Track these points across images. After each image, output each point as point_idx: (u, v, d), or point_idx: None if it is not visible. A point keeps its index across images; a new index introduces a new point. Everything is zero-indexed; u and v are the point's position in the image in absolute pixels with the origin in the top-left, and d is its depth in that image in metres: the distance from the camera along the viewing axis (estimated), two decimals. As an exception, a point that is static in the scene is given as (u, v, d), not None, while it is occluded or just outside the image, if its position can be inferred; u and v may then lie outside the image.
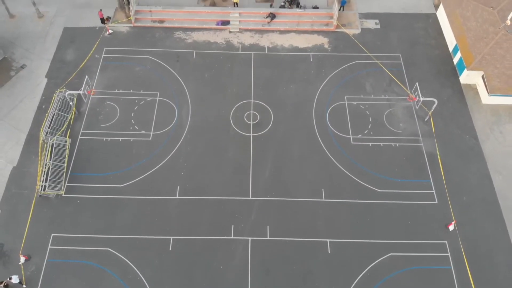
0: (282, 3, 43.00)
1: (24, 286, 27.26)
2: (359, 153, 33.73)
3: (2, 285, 26.71)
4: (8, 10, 42.31)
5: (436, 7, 44.39)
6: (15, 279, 27.02)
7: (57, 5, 43.60)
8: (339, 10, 42.54)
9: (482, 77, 37.11)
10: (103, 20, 41.56)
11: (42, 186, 30.50)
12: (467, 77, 38.10)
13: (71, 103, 34.78)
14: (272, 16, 41.55)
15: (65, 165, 31.94)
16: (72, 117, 34.79)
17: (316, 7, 42.83)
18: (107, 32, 40.76)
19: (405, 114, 36.18)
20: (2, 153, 33.10)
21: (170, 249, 28.97)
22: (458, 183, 32.44)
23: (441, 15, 42.93)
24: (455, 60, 39.83)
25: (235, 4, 42.76)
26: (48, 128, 33.47)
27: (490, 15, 38.95)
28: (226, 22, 41.74)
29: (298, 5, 42.81)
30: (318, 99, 37.19)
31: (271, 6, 43.14)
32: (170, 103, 36.43)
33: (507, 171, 33.40)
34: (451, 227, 30.07)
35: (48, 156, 31.75)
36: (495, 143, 34.96)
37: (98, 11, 41.34)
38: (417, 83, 36.31)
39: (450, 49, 40.93)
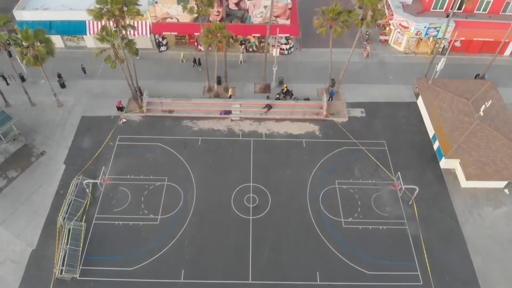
0: (277, 95, 48.09)
1: None
2: (350, 236, 36.80)
3: None
4: (30, 99, 46.89)
5: (417, 96, 49.36)
6: None
7: (76, 95, 48.44)
8: (328, 100, 47.48)
9: (460, 163, 41.03)
10: (120, 109, 46.15)
11: (59, 270, 33.16)
12: (446, 163, 42.07)
13: (87, 190, 38.27)
14: (269, 106, 46.39)
15: (80, 249, 34.84)
16: (88, 202, 38.14)
17: (307, 99, 47.85)
18: (121, 121, 45.19)
19: (391, 198, 39.70)
20: (22, 236, 36.06)
21: (176, 332, 31.20)
22: (440, 264, 35.28)
23: (421, 103, 47.75)
24: (435, 146, 44.03)
25: (230, 96, 47.81)
26: (66, 213, 36.66)
27: (465, 106, 43.69)
28: (228, 112, 46.44)
29: (291, 97, 47.90)
30: (311, 183, 40.80)
31: (268, 97, 48.18)
32: (177, 187, 39.93)
33: (486, 252, 36.36)
34: (435, 308, 32.62)
35: (65, 240, 34.69)
36: (474, 225, 38.16)
37: (115, 101, 46.18)
38: (399, 173, 40.09)
39: (430, 135, 45.29)
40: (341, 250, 35.87)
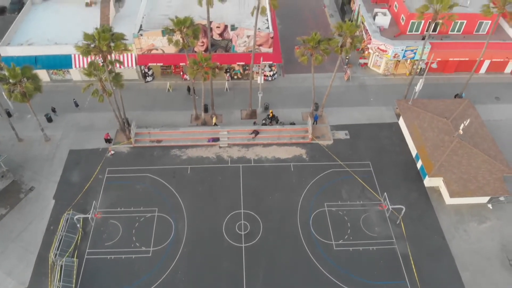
0: (264, 121, 49.16)
1: None
2: (341, 259, 37.37)
3: None
4: (17, 135, 46.80)
5: (398, 116, 50.84)
6: None
7: (63, 129, 48.53)
8: (313, 124, 48.64)
9: (443, 180, 42.25)
10: (108, 141, 46.38)
11: (52, 309, 32.96)
12: (430, 181, 43.26)
13: (78, 225, 38.19)
14: (256, 132, 47.31)
15: (73, 285, 34.60)
16: (79, 237, 38.02)
17: (293, 123, 49.01)
18: (110, 153, 45.40)
19: (379, 218, 40.56)
20: (14, 275, 35.67)
21: None
22: (430, 282, 36.05)
23: (402, 124, 49.19)
24: (418, 165, 45.28)
25: (215, 124, 48.66)
26: (57, 250, 36.45)
27: (445, 125, 45.21)
28: (216, 139, 47.15)
29: (277, 122, 49.00)
30: (301, 206, 41.44)
31: (254, 123, 49.18)
32: (167, 218, 40.11)
33: (474, 267, 37.31)
34: (428, 327, 33.22)
35: (58, 277, 34.46)
36: (460, 241, 39.17)
37: (102, 134, 46.36)
38: (385, 193, 41.14)
39: (413, 155, 46.58)
40: (334, 273, 36.37)
